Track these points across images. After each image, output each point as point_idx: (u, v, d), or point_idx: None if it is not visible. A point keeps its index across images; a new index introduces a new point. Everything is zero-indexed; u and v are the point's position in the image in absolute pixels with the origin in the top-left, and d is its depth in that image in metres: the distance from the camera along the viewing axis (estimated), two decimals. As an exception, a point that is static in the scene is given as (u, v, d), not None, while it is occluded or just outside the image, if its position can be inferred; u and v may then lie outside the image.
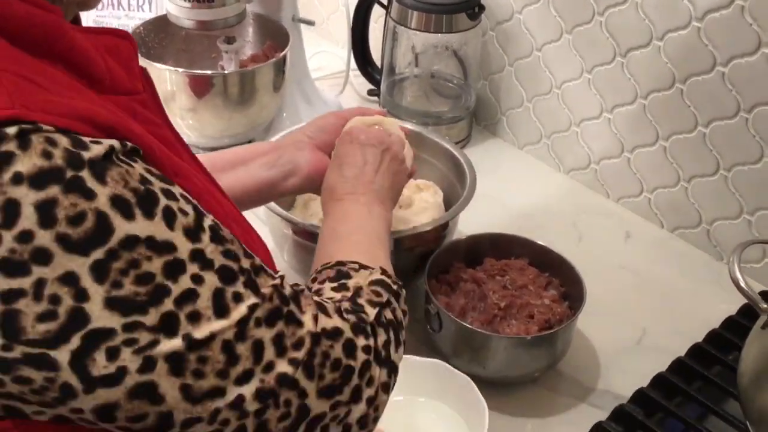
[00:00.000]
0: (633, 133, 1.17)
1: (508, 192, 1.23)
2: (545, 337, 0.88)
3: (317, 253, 0.72)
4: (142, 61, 0.69)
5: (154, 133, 0.54)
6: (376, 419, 0.59)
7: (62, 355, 0.45)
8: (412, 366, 0.85)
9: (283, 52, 1.18)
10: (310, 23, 1.28)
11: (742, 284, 0.81)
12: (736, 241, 0.93)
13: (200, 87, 1.12)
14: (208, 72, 1.14)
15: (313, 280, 0.66)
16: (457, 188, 1.03)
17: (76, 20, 0.58)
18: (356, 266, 0.66)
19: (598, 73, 1.18)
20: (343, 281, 0.64)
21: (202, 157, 0.72)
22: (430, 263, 0.94)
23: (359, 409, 0.57)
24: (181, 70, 1.11)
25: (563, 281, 0.97)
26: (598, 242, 1.16)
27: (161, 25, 1.22)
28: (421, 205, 1.02)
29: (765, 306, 0.80)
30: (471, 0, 1.23)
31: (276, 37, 1.25)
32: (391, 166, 0.81)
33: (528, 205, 1.22)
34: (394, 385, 0.62)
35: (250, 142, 1.18)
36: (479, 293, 0.95)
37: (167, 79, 1.11)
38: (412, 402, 0.87)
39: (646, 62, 1.11)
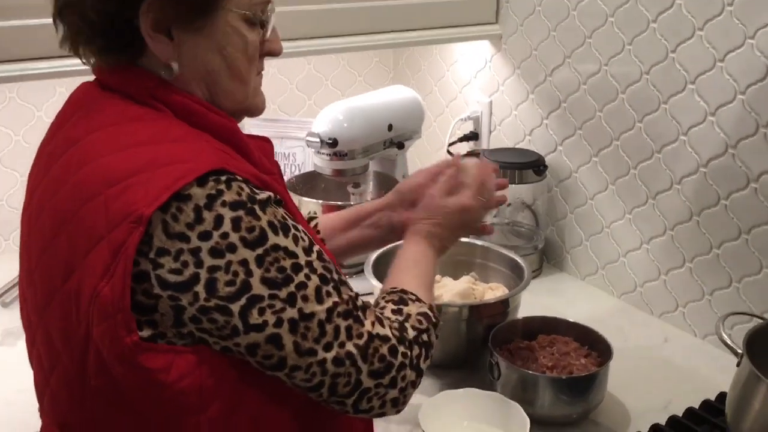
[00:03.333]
0: (666, 258, 1.48)
1: (570, 310, 1.52)
2: (579, 379, 1.16)
3: (393, 272, 1.00)
4: (295, 198, 1.07)
5: (283, 198, 0.88)
6: (404, 403, 0.87)
7: (235, 308, 0.74)
8: (476, 396, 1.15)
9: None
10: (416, 180, 1.70)
11: (725, 338, 1.09)
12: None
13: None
14: (339, 202, 1.56)
15: (382, 298, 0.93)
16: (519, 284, 1.36)
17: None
18: (414, 297, 0.94)
19: (636, 213, 1.52)
20: (401, 307, 0.91)
21: (323, 219, 1.10)
22: (494, 332, 1.26)
23: (393, 393, 0.85)
24: (321, 201, 1.54)
25: (600, 353, 1.25)
26: (641, 344, 1.43)
27: (306, 178, 1.67)
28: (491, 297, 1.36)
29: (740, 351, 1.06)
30: (537, 160, 1.62)
31: (390, 188, 1.66)
32: (463, 233, 1.10)
33: (585, 320, 1.51)
34: (419, 383, 0.88)
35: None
36: (532, 357, 1.24)
37: (307, 206, 1.53)
38: (473, 426, 1.15)
39: (670, 201, 1.44)
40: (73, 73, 0.91)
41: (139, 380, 0.75)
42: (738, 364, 1.06)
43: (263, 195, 0.77)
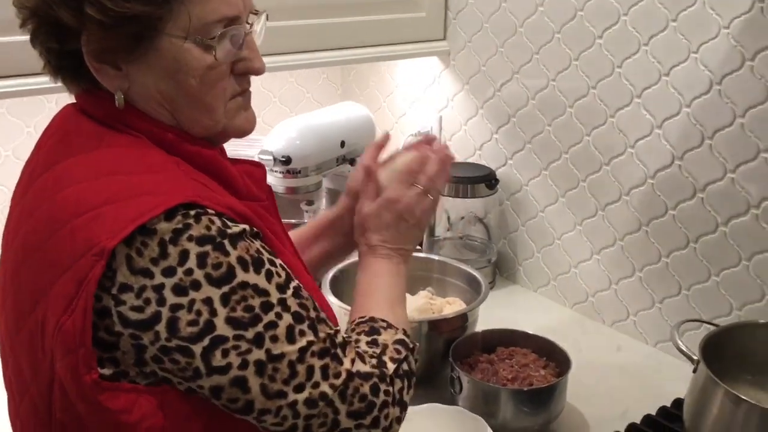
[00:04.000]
0: (617, 268, 1.51)
1: (525, 321, 1.53)
2: (539, 391, 1.17)
3: (356, 298, 0.94)
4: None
5: (268, 227, 0.86)
6: None
7: (197, 349, 0.71)
8: (439, 411, 1.15)
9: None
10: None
11: (680, 345, 1.11)
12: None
13: (287, 232, 1.52)
14: (293, 220, 1.55)
15: (352, 330, 0.88)
16: (476, 298, 1.37)
17: (223, 151, 0.91)
18: (385, 324, 0.89)
19: (586, 224, 1.55)
20: (374, 337, 0.87)
21: (292, 234, 1.08)
22: (454, 346, 1.26)
23: None
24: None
25: (558, 364, 1.26)
26: (596, 353, 1.45)
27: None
28: (450, 312, 1.36)
29: (696, 357, 1.09)
30: (489, 174, 1.64)
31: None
32: (417, 231, 1.01)
33: (540, 331, 1.52)
34: (404, 416, 0.84)
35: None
36: (492, 370, 1.25)
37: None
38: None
39: (619, 212, 1.47)
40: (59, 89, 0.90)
41: (101, 420, 0.73)
42: (694, 371, 1.09)
43: (236, 228, 0.74)
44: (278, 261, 0.78)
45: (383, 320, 0.90)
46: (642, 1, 1.35)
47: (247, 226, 0.76)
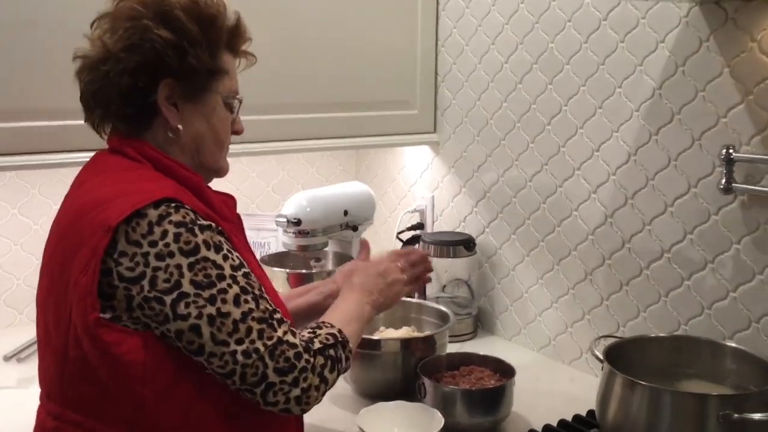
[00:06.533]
0: (570, 313, 1.80)
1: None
2: (487, 391, 1.45)
3: (326, 314, 1.23)
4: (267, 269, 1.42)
5: (236, 240, 1.15)
6: (308, 403, 1.06)
7: (168, 299, 0.98)
8: (404, 406, 1.44)
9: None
10: (369, 259, 2.03)
11: (596, 353, 1.40)
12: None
13: (297, 282, 1.86)
14: (303, 270, 1.88)
15: (304, 328, 1.14)
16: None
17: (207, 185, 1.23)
18: (329, 325, 1.17)
19: (546, 278, 1.85)
20: (314, 329, 1.14)
21: (285, 293, 1.41)
22: (422, 363, 1.55)
23: (296, 392, 1.04)
24: (287, 270, 1.87)
25: (508, 378, 1.54)
26: (550, 384, 1.72)
27: (277, 256, 2.01)
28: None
29: (602, 359, 1.37)
30: (468, 239, 1.97)
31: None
32: (389, 291, 1.37)
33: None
34: (324, 391, 1.08)
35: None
36: (453, 383, 1.54)
37: (278, 276, 1.86)
38: (405, 426, 1.43)
39: (570, 265, 1.78)
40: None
41: (99, 351, 0.99)
42: (602, 369, 1.37)
43: (205, 222, 1.03)
44: (236, 254, 1.06)
45: (331, 324, 1.18)
46: (578, 93, 1.71)
47: (213, 224, 1.04)
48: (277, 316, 1.07)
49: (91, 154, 1.19)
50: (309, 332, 1.14)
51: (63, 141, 1.61)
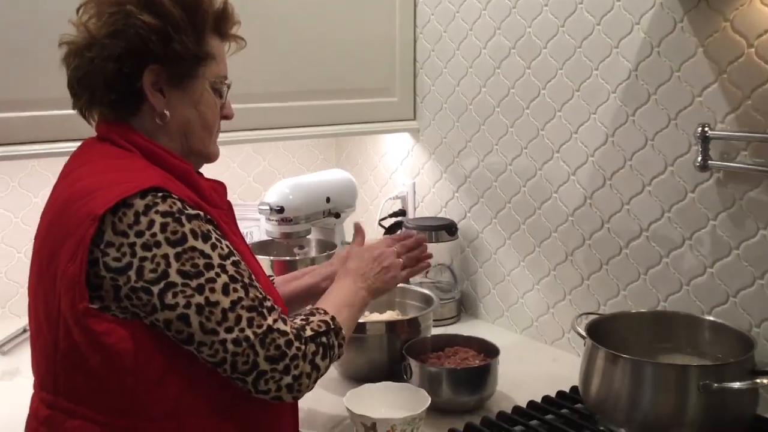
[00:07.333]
0: (552, 294, 1.82)
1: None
2: (472, 370, 1.47)
3: (320, 300, 1.23)
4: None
5: (227, 227, 1.16)
6: (299, 391, 1.06)
7: (155, 290, 0.98)
8: (391, 387, 1.45)
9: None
10: (352, 245, 2.05)
11: (579, 330, 1.42)
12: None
13: (281, 269, 1.87)
14: (287, 258, 1.89)
15: (297, 315, 1.15)
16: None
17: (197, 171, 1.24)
18: (322, 312, 1.16)
19: (528, 260, 1.88)
20: (307, 317, 1.14)
21: (279, 277, 1.42)
22: (408, 345, 1.57)
23: (287, 380, 1.04)
24: (271, 258, 1.88)
25: (492, 358, 1.56)
26: (533, 365, 1.75)
27: (261, 245, 2.02)
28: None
29: (584, 335, 1.39)
30: (450, 224, 1.99)
31: (329, 250, 2.01)
32: (384, 276, 1.38)
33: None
34: (316, 378, 1.08)
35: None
36: (438, 364, 1.55)
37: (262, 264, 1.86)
38: (391, 406, 1.44)
39: (551, 246, 1.81)
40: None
41: (89, 340, 0.99)
42: (584, 344, 1.39)
43: (193, 212, 1.02)
44: (225, 242, 1.05)
45: (324, 311, 1.18)
46: (556, 76, 1.74)
47: (201, 212, 1.03)
48: (268, 304, 1.06)
49: (72, 145, 1.18)
50: (301, 319, 1.14)
51: (43, 131, 1.60)
